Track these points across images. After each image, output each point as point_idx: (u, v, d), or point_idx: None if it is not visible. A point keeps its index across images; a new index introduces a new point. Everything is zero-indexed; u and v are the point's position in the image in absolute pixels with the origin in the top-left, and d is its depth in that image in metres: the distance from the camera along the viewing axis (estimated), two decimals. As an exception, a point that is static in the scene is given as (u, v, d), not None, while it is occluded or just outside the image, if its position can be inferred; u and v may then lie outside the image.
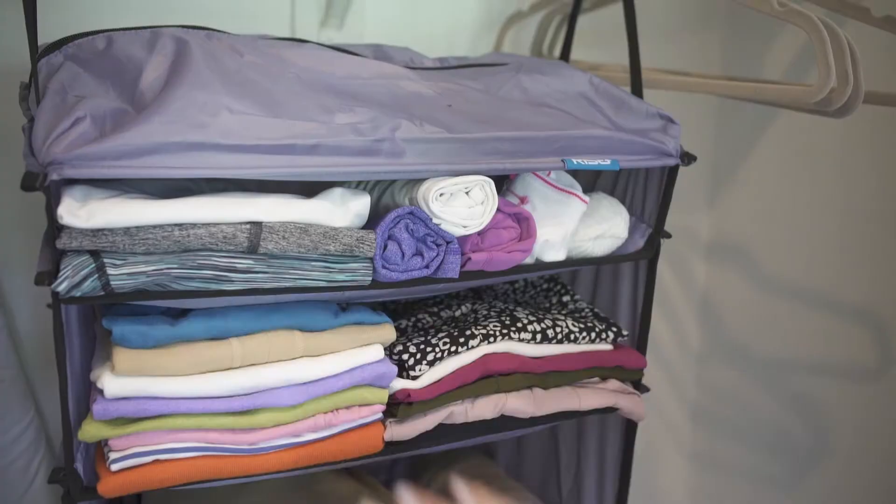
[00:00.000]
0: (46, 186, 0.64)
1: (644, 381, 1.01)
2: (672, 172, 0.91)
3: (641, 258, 0.95)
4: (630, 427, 1.04)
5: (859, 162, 1.21)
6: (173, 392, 0.75)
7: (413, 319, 0.98)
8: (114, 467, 0.74)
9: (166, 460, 0.76)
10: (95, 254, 0.69)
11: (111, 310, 0.77)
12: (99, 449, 0.78)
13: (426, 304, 1.02)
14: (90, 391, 0.78)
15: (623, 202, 0.97)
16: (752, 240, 1.42)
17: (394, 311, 1.00)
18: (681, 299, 1.55)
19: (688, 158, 0.89)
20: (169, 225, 0.70)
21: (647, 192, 0.97)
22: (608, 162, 0.85)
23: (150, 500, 0.93)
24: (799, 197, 1.31)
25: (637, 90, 0.98)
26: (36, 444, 1.09)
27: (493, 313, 0.95)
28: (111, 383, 0.73)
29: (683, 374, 1.56)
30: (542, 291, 1.07)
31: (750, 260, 1.44)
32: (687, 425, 1.59)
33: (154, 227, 0.69)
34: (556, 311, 1.00)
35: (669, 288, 1.53)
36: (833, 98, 0.82)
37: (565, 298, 1.04)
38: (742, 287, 1.45)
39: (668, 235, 0.95)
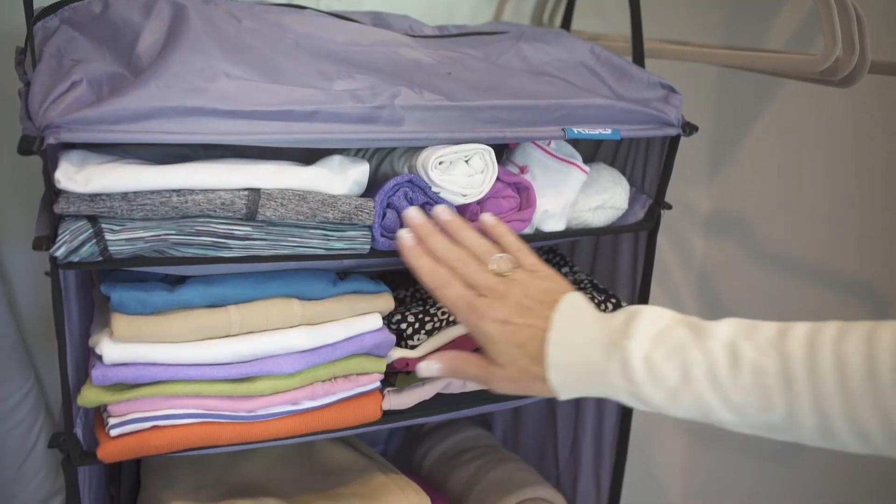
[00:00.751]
0: (43, 150, 0.63)
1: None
2: (673, 143, 0.91)
3: (641, 229, 0.95)
4: (628, 399, 1.05)
5: (863, 134, 1.20)
6: (171, 358, 0.75)
7: (411, 290, 0.97)
8: (113, 433, 0.74)
9: (165, 426, 0.76)
10: (93, 219, 0.68)
11: (109, 276, 0.77)
12: (98, 415, 0.78)
13: (425, 275, 1.01)
14: (89, 357, 0.78)
15: (623, 173, 0.97)
16: (751, 213, 1.42)
17: (392, 281, 1.00)
18: (679, 273, 1.55)
19: (689, 128, 0.89)
20: (167, 190, 0.69)
21: (648, 162, 0.96)
22: (609, 131, 0.85)
23: (149, 466, 0.93)
24: (800, 170, 1.31)
25: (639, 59, 0.97)
26: (36, 412, 1.10)
27: (491, 283, 0.95)
28: (109, 349, 0.72)
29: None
30: (541, 263, 1.07)
31: (749, 234, 1.43)
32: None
33: (152, 192, 0.69)
34: (554, 282, 1.00)
35: (668, 261, 1.53)
36: (838, 67, 0.82)
37: (564, 270, 1.04)
38: (740, 261, 1.44)
39: (669, 206, 0.95)
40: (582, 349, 0.62)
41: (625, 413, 1.05)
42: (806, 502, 1.34)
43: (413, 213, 0.76)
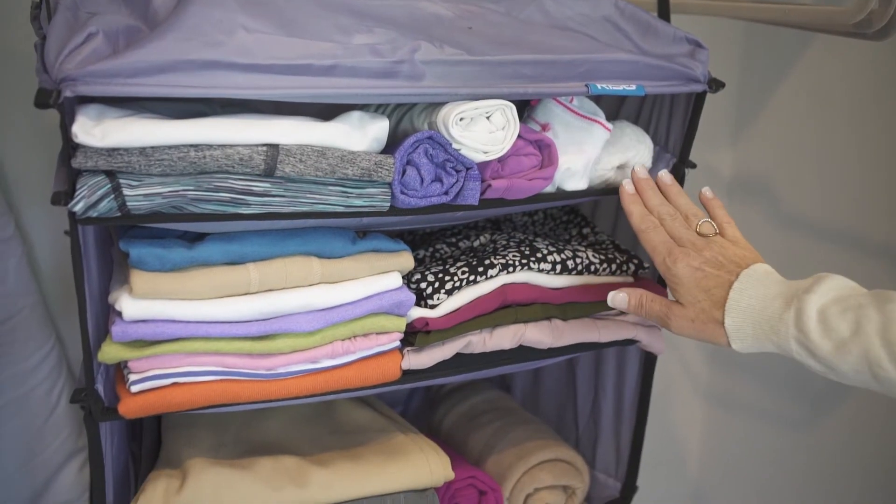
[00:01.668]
0: (60, 104, 0.63)
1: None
2: (699, 99, 0.89)
3: (664, 188, 0.93)
4: (648, 360, 1.04)
5: (894, 94, 1.17)
6: (191, 316, 0.75)
7: (431, 250, 0.97)
8: (133, 389, 0.74)
9: (185, 383, 0.76)
10: (111, 174, 0.68)
11: (128, 233, 0.76)
12: (119, 372, 0.79)
13: (444, 235, 1.01)
14: (109, 314, 0.78)
15: (647, 131, 0.95)
16: (775, 177, 1.40)
17: (411, 241, 0.99)
18: (701, 238, 1.53)
19: (716, 85, 0.86)
20: (185, 145, 0.69)
21: (672, 120, 0.94)
22: (633, 87, 0.83)
23: (169, 424, 0.94)
24: (828, 132, 1.28)
25: (664, 14, 0.95)
26: (57, 371, 1.11)
27: (512, 243, 0.94)
28: (129, 305, 0.72)
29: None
30: (561, 224, 1.06)
31: (772, 197, 1.41)
32: (703, 364, 1.59)
33: (170, 147, 0.68)
34: (575, 243, 0.98)
35: (690, 226, 1.51)
36: (873, 19, 0.79)
37: (585, 230, 1.02)
38: (763, 225, 1.42)
39: (693, 165, 0.93)
40: (763, 300, 0.67)
41: (645, 375, 1.04)
42: (822, 467, 1.34)
43: (640, 170, 0.86)
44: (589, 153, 0.88)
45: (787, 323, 0.64)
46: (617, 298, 0.82)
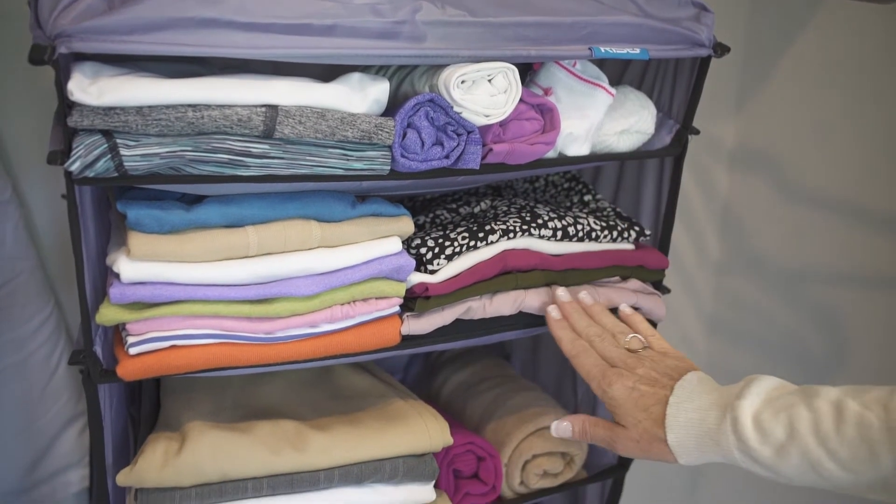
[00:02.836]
0: (55, 60, 0.62)
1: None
2: (704, 64, 0.88)
3: (668, 154, 0.93)
4: (648, 328, 1.04)
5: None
6: (189, 278, 0.74)
7: (431, 216, 0.96)
8: (132, 351, 0.74)
9: (183, 346, 0.76)
10: (108, 134, 0.67)
11: (125, 195, 0.76)
12: (117, 334, 0.78)
13: (444, 201, 1.00)
14: (106, 277, 0.78)
15: (650, 97, 0.94)
16: (779, 147, 1.38)
17: (411, 208, 0.99)
18: (701, 208, 1.52)
19: (721, 49, 0.85)
20: (182, 105, 0.68)
21: (676, 86, 0.93)
22: (637, 51, 0.82)
23: (168, 388, 0.94)
24: (832, 103, 1.27)
25: (669, -23, 0.93)
26: (56, 336, 1.11)
27: (513, 209, 0.93)
28: (127, 267, 0.72)
29: (701, 284, 1.55)
30: (562, 191, 1.05)
31: (775, 168, 1.40)
32: (703, 336, 1.58)
33: (167, 107, 0.67)
34: (577, 210, 0.98)
35: (691, 196, 1.50)
36: (879, -18, 0.78)
37: (587, 197, 1.02)
38: (766, 196, 1.41)
39: (697, 131, 0.92)
40: (699, 412, 0.67)
41: (645, 343, 1.04)
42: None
43: (562, 293, 0.87)
44: (592, 118, 0.87)
45: (726, 433, 0.64)
46: (560, 428, 0.81)
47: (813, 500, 1.18)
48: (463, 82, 0.77)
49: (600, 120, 0.88)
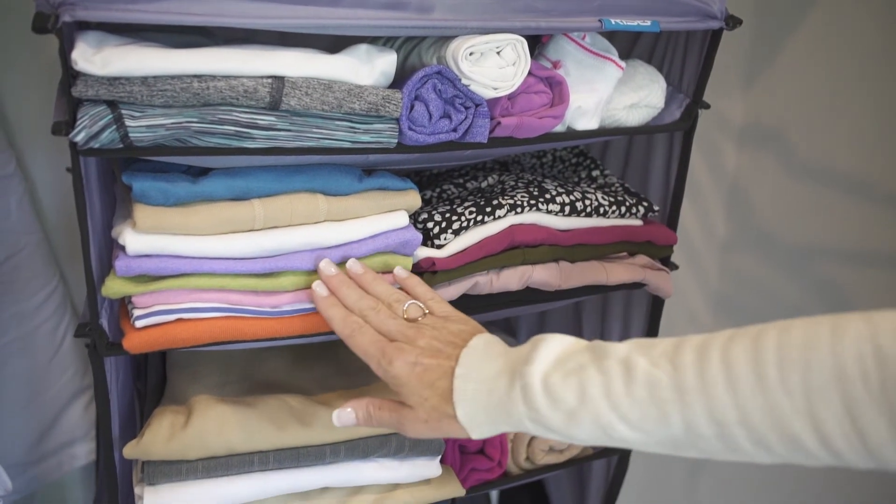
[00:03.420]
0: (59, 28, 0.61)
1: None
2: (715, 37, 0.87)
3: (677, 129, 0.92)
4: (656, 305, 1.03)
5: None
6: (195, 251, 0.74)
7: (438, 190, 0.95)
8: (138, 324, 0.74)
9: (189, 319, 0.76)
10: (113, 104, 0.66)
11: (131, 167, 0.75)
12: (123, 307, 0.78)
13: (451, 176, 0.99)
14: (112, 250, 0.77)
15: (660, 71, 0.92)
16: (788, 124, 1.37)
17: (417, 183, 0.98)
18: (709, 185, 1.51)
19: (732, 22, 0.84)
20: (188, 76, 0.67)
21: (687, 60, 0.92)
22: (648, 23, 0.80)
23: (174, 362, 0.94)
24: (843, 80, 1.25)
25: (681, -52, 0.92)
26: (62, 310, 1.11)
27: (520, 184, 0.93)
28: (132, 239, 0.71)
29: (708, 262, 1.54)
30: (570, 166, 1.04)
31: (784, 145, 1.39)
32: (709, 314, 1.58)
33: (172, 77, 0.67)
34: (585, 185, 0.97)
35: (698, 173, 1.49)
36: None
37: (595, 173, 1.01)
38: (774, 173, 1.40)
39: (707, 106, 0.91)
40: (487, 382, 0.61)
41: (652, 321, 1.04)
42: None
43: (325, 266, 0.77)
44: (601, 92, 0.86)
45: (516, 402, 0.59)
46: (343, 416, 0.72)
47: (818, 483, 1.18)
48: (471, 54, 0.76)
49: (609, 94, 0.87)
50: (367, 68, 0.74)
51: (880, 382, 0.49)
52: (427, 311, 0.73)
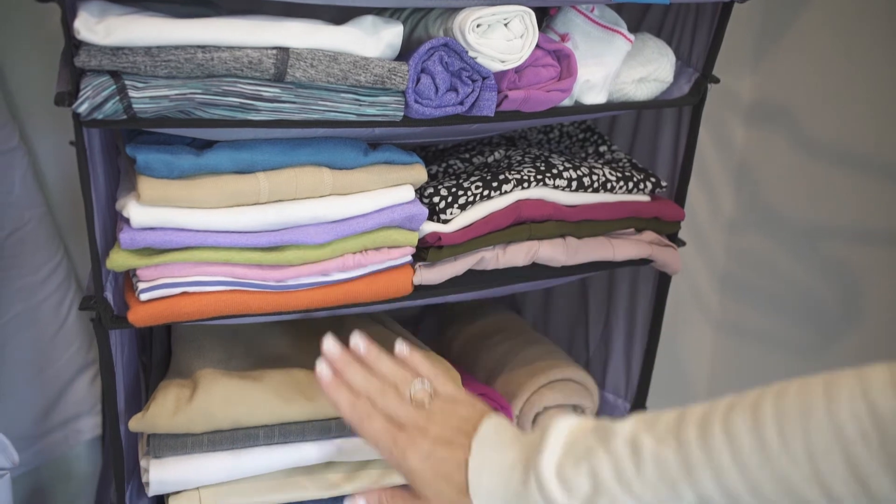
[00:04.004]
0: (60, -4, 0.60)
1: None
2: (726, 10, 0.85)
3: (686, 104, 0.91)
4: (662, 282, 1.03)
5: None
6: (200, 224, 0.74)
7: (444, 166, 0.95)
8: (143, 297, 0.73)
9: (194, 293, 0.75)
10: (116, 75, 0.66)
11: (135, 139, 0.74)
12: (128, 280, 0.78)
13: (457, 151, 0.98)
14: (116, 223, 0.77)
15: (669, 44, 0.91)
16: (797, 102, 1.36)
17: (423, 158, 0.97)
18: (716, 163, 1.50)
19: (744, -6, 0.83)
20: (192, 46, 0.66)
21: (696, 33, 0.91)
22: (658, -5, 0.79)
23: (179, 336, 0.93)
24: (853, 58, 1.24)
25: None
26: (67, 284, 1.11)
27: (527, 159, 0.92)
28: (137, 212, 0.71)
29: (714, 241, 1.54)
30: (577, 141, 1.03)
31: (793, 123, 1.37)
32: (714, 293, 1.57)
33: (176, 47, 0.66)
34: (592, 161, 0.96)
35: (705, 151, 1.47)
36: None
37: (602, 148, 1.00)
38: (782, 152, 1.39)
39: (717, 80, 0.90)
40: (502, 473, 0.61)
41: (659, 296, 1.03)
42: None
43: (329, 346, 0.74)
44: (609, 65, 0.85)
45: (532, 493, 0.59)
46: None
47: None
48: (478, 26, 0.75)
49: (618, 67, 0.86)
50: (373, 40, 0.73)
51: (879, 440, 0.49)
52: (433, 392, 0.71)
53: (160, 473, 0.80)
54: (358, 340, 0.75)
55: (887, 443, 0.49)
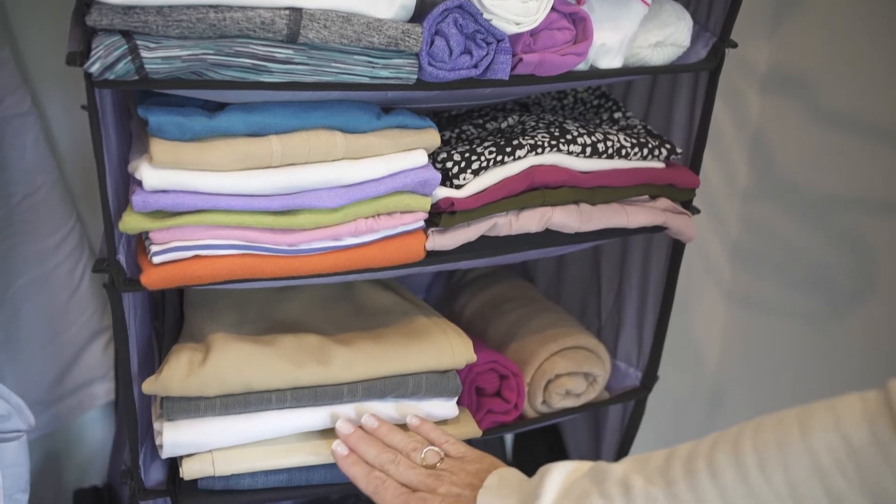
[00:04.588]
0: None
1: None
2: (744, -28, 0.84)
3: (703, 69, 0.89)
4: (675, 252, 1.02)
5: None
6: (212, 187, 0.73)
7: (457, 131, 0.94)
8: (155, 260, 0.73)
9: (207, 256, 0.75)
10: (128, 34, 0.65)
11: (147, 101, 0.74)
12: (140, 243, 0.78)
13: (470, 117, 0.97)
14: (129, 186, 0.77)
15: (687, 8, 0.90)
16: (815, 70, 1.34)
17: (437, 124, 0.96)
18: (731, 132, 1.48)
19: (764, -44, 0.81)
20: (203, 6, 0.66)
21: (715, -4, 0.90)
22: (676, -44, 0.78)
23: (191, 301, 0.94)
24: (874, 25, 1.22)
25: None
26: (80, 250, 1.11)
27: (541, 125, 0.91)
28: (149, 174, 0.71)
29: (727, 211, 1.52)
30: (592, 108, 1.02)
31: (810, 92, 1.35)
32: (727, 263, 1.57)
33: (188, 7, 0.65)
34: (607, 127, 0.95)
35: (720, 121, 1.46)
36: None
37: (617, 115, 0.99)
38: (798, 122, 1.37)
39: (735, 44, 0.89)
40: None
41: (672, 264, 1.03)
42: (843, 366, 1.33)
43: (341, 426, 0.82)
44: (625, 29, 0.84)
45: None
46: None
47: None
48: (493, -13, 0.74)
49: (634, 31, 0.84)
50: (387, 1, 0.72)
51: (856, 471, 0.51)
52: (443, 456, 0.77)
53: (173, 436, 0.80)
54: (368, 419, 0.83)
55: (864, 473, 0.50)
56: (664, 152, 0.92)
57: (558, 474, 0.65)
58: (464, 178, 0.84)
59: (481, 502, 0.68)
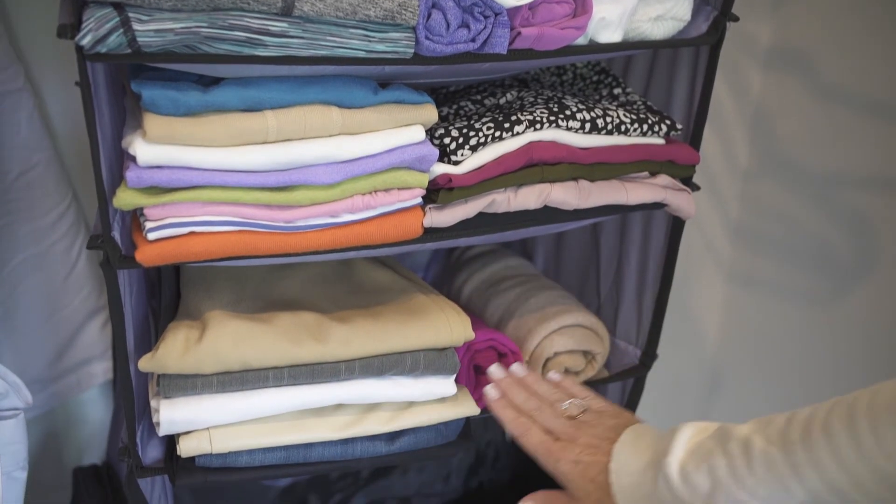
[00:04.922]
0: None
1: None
2: (747, -56, 0.83)
3: (704, 43, 0.88)
4: (675, 229, 1.01)
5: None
6: (207, 163, 0.73)
7: (455, 107, 0.93)
8: (150, 236, 0.73)
9: (202, 233, 0.75)
10: (119, 7, 0.64)
11: (141, 75, 0.73)
12: (135, 220, 0.77)
13: (468, 93, 0.96)
14: (123, 162, 0.76)
15: (688, -19, 0.89)
16: (818, 46, 1.32)
17: (434, 100, 0.95)
18: (732, 110, 1.47)
19: (766, -73, 0.80)
20: (196, -22, 0.64)
21: (716, -31, 0.88)
22: (677, -73, 0.77)
23: (188, 279, 0.93)
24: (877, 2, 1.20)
25: None
26: (76, 229, 1.10)
27: (540, 100, 0.90)
28: (143, 149, 0.70)
29: (728, 189, 1.52)
30: (591, 84, 1.01)
31: (812, 69, 1.34)
32: (727, 242, 1.56)
33: (180, -22, 0.64)
34: (606, 103, 0.94)
35: (721, 97, 1.45)
36: None
37: (616, 91, 0.98)
38: (800, 99, 1.36)
39: (736, 18, 0.87)
40: (638, 475, 0.68)
41: (671, 242, 1.02)
42: (845, 345, 1.33)
43: (495, 370, 0.87)
44: (625, 3, 0.82)
45: (662, 493, 0.65)
46: None
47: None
48: (491, -41, 0.73)
49: (634, 5, 0.83)
50: (383, -27, 0.71)
51: None
52: (585, 408, 0.80)
53: (170, 413, 0.80)
54: (518, 367, 0.87)
55: None
56: (664, 128, 0.92)
57: (688, 432, 0.67)
58: (462, 155, 0.83)
59: (617, 454, 0.71)
